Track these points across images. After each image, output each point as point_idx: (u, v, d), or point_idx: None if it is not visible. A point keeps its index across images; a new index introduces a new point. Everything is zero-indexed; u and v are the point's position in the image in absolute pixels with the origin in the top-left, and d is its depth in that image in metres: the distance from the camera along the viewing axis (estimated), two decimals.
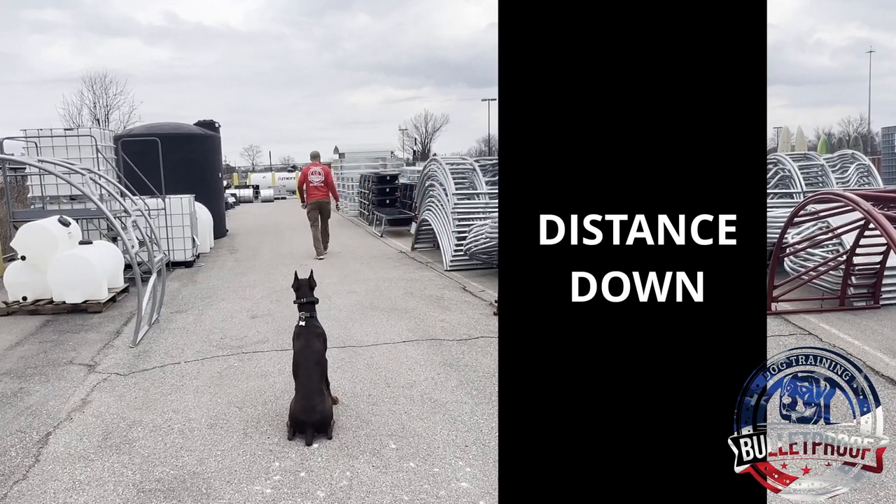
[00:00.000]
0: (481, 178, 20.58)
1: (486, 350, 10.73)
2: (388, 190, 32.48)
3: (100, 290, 14.60)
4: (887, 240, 8.57)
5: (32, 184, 18.99)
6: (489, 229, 16.20)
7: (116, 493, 6.48)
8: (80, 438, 7.77)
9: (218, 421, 8.19)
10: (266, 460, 7.09)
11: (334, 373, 9.31)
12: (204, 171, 27.55)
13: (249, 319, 13.41)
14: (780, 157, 21.26)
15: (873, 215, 8.85)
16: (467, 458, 7.05)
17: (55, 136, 18.67)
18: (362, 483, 6.56)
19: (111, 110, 77.73)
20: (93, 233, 18.29)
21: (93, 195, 12.95)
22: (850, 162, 21.42)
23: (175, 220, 20.70)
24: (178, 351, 11.24)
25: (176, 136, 26.14)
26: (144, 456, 7.27)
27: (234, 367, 10.32)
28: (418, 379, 9.53)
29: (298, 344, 8.04)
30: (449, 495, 6.31)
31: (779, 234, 12.77)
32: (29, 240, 14.36)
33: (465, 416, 8.12)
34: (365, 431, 7.75)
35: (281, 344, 11.11)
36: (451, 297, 15.03)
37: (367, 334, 11.97)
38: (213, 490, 6.51)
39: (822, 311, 12.94)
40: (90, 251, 14.97)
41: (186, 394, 9.19)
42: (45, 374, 10.22)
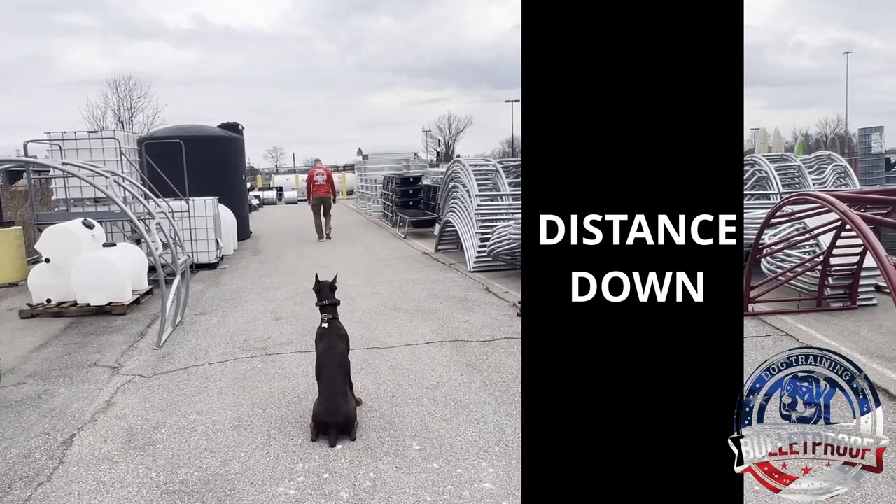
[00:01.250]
0: (504, 180, 20.55)
1: (510, 351, 10.71)
2: (411, 191, 32.46)
3: (124, 293, 14.64)
4: (864, 241, 8.52)
5: (56, 186, 19.10)
6: (512, 230, 16.18)
7: (140, 495, 6.49)
8: (105, 440, 7.79)
9: (242, 422, 8.20)
10: (290, 461, 7.10)
11: (358, 374, 9.31)
12: (227, 173, 27.60)
13: (273, 321, 13.43)
14: (757, 158, 21.23)
15: (850, 216, 8.82)
16: (490, 458, 7.04)
17: (79, 138, 18.75)
18: (386, 484, 6.56)
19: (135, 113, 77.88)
20: (117, 235, 18.34)
21: (117, 197, 12.96)
22: (827, 163, 21.33)
23: (199, 223, 20.74)
24: (202, 353, 11.26)
25: (200, 138, 26.21)
26: (168, 457, 7.29)
27: (257, 368, 10.33)
28: (442, 380, 9.53)
29: (321, 346, 8.04)
30: (472, 496, 6.30)
31: (755, 235, 12.76)
32: (53, 242, 14.41)
33: (489, 417, 8.11)
34: (388, 432, 7.75)
35: (305, 345, 11.11)
36: (474, 299, 15.02)
37: (391, 335, 11.97)
38: (236, 491, 6.51)
39: (798, 312, 12.96)
40: (114, 253, 15.01)
41: (210, 395, 9.20)
42: (70, 377, 10.25)
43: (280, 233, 32.73)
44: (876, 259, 7.94)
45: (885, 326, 11.79)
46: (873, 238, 8.21)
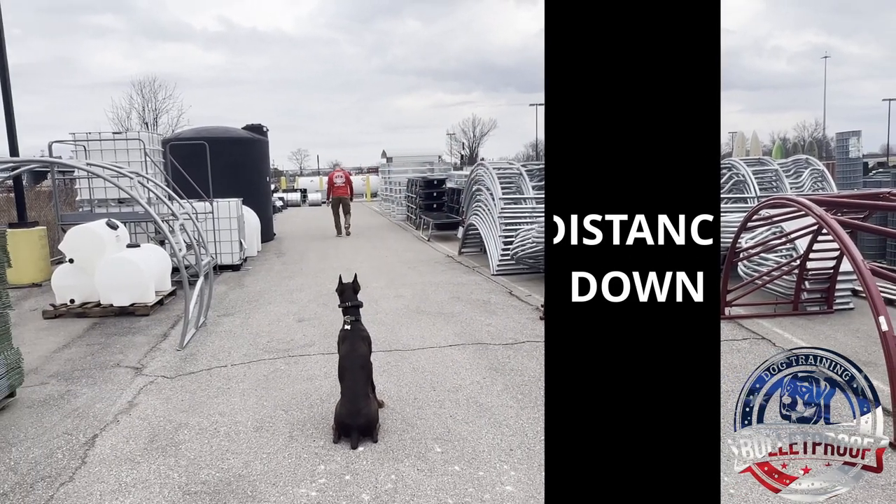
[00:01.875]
0: (528, 183, 20.55)
1: (532, 354, 10.69)
2: (435, 194, 32.46)
3: (147, 293, 14.67)
4: (840, 245, 8.51)
5: (81, 187, 19.18)
6: (536, 234, 16.15)
7: (162, 496, 6.50)
8: (127, 441, 7.81)
9: (264, 424, 8.20)
10: (311, 463, 7.09)
11: (380, 376, 9.32)
12: (252, 174, 27.62)
13: (296, 323, 13.44)
14: (735, 162, 21.21)
15: (826, 220, 8.79)
16: (512, 461, 7.02)
17: (104, 139, 18.83)
18: (407, 486, 6.55)
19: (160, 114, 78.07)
20: (140, 236, 18.43)
21: (141, 198, 12.99)
22: (805, 167, 21.22)
23: (222, 224, 20.79)
24: (224, 354, 11.27)
25: (224, 139, 26.23)
26: (190, 458, 7.29)
27: (280, 370, 10.33)
28: (464, 383, 9.51)
29: (344, 348, 8.03)
30: (493, 499, 6.28)
31: (732, 239, 12.75)
32: (77, 243, 14.46)
33: (511, 420, 8.09)
34: (410, 435, 7.74)
35: (327, 347, 11.12)
36: (497, 302, 15.00)
37: (414, 338, 11.96)
38: (258, 493, 6.51)
39: (775, 316, 12.97)
40: (137, 254, 15.05)
41: (233, 397, 9.21)
42: (93, 377, 10.27)
43: (304, 235, 32.78)
44: (852, 263, 7.94)
45: (861, 331, 11.80)
46: (850, 242, 8.23)
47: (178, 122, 75.90)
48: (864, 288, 7.52)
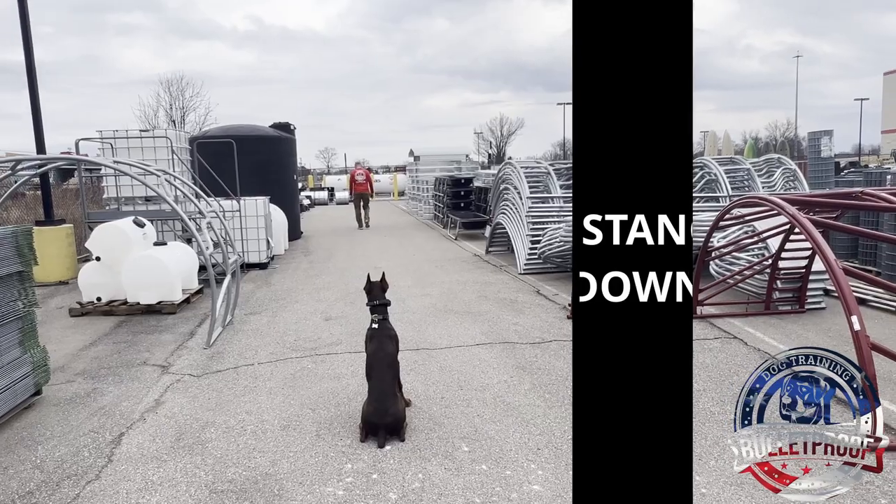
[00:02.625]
0: (556, 182, 20.49)
1: (560, 353, 10.64)
2: (462, 193, 32.40)
3: (174, 292, 14.68)
4: (812, 244, 8.48)
5: (108, 185, 19.24)
6: (563, 233, 16.11)
7: (189, 494, 6.48)
8: (153, 439, 7.80)
9: (291, 422, 8.18)
10: (338, 462, 7.06)
11: (407, 375, 9.29)
12: (279, 172, 27.68)
13: (323, 321, 13.42)
14: (707, 161, 21.19)
15: (798, 220, 8.74)
16: (539, 461, 6.98)
17: (131, 137, 18.87)
18: (434, 485, 6.51)
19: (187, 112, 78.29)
20: (167, 234, 18.49)
21: (168, 196, 12.99)
22: (777, 166, 21.13)
23: (250, 222, 20.84)
24: (251, 352, 11.26)
25: (251, 138, 26.26)
26: (217, 457, 7.28)
27: (307, 368, 10.31)
28: (491, 382, 9.47)
29: (371, 346, 8.01)
30: (521, 498, 6.24)
31: (704, 238, 12.71)
32: (104, 241, 14.48)
33: (538, 419, 8.05)
34: (437, 434, 7.70)
35: (354, 346, 11.10)
36: (524, 301, 14.95)
37: (441, 337, 11.93)
38: (285, 491, 6.48)
39: (747, 315, 12.94)
40: (164, 252, 15.07)
41: (259, 395, 9.19)
42: (119, 375, 10.28)
43: (331, 233, 32.81)
44: (825, 263, 7.92)
45: (832, 330, 11.79)
46: (822, 242, 8.22)
47: (205, 120, 76.10)
48: (837, 287, 7.49)
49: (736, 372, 9.68)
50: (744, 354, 10.53)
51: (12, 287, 8.46)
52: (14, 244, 8.43)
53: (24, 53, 18.72)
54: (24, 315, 8.71)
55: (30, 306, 8.84)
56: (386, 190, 70.48)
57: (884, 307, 13.17)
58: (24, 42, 18.64)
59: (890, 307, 13.05)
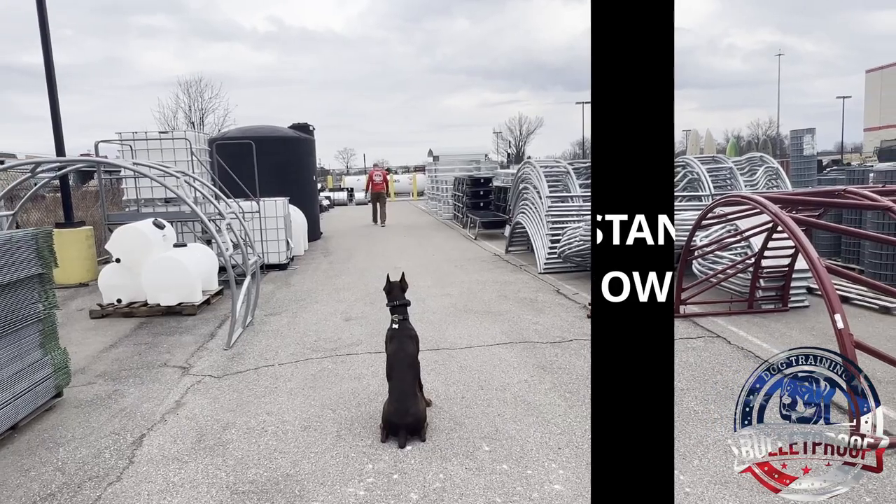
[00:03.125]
0: (575, 181, 20.46)
1: (580, 353, 10.62)
2: (481, 193, 32.38)
3: (194, 293, 14.70)
4: (795, 243, 8.45)
5: (127, 186, 19.29)
6: (583, 232, 16.09)
7: (210, 495, 6.48)
8: (174, 440, 7.81)
9: (311, 423, 8.18)
10: (359, 462, 7.06)
11: (428, 375, 9.28)
12: (298, 173, 27.66)
13: (343, 322, 13.42)
14: (689, 160, 21.22)
15: (781, 218, 8.71)
16: (560, 460, 6.96)
17: (150, 138, 18.91)
18: (455, 485, 6.50)
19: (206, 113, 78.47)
20: (187, 235, 18.50)
21: (187, 198, 13.01)
22: (759, 165, 21.18)
23: (269, 223, 20.84)
24: (271, 353, 11.27)
25: (270, 139, 26.25)
26: (238, 458, 7.28)
27: (327, 369, 10.31)
28: (511, 381, 9.45)
29: (391, 347, 8.00)
30: (542, 497, 6.22)
31: (687, 237, 12.71)
32: (123, 242, 14.50)
33: (559, 419, 8.03)
34: (458, 434, 7.69)
35: (375, 346, 11.10)
36: (544, 300, 14.93)
37: (461, 337, 11.92)
38: (306, 492, 6.48)
39: (730, 314, 12.95)
40: (184, 254, 15.09)
41: (280, 396, 9.20)
42: (140, 377, 10.30)
43: (350, 234, 32.83)
44: (808, 261, 7.89)
45: (816, 329, 11.76)
46: (805, 240, 8.19)
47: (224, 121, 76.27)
48: (820, 286, 7.47)
49: (719, 371, 9.68)
50: (727, 353, 10.51)
51: (33, 289, 8.48)
52: (34, 246, 8.45)
53: (44, 56, 18.77)
54: (45, 317, 8.73)
55: (50, 308, 8.85)
56: (405, 190, 70.50)
57: (867, 305, 13.21)
58: (43, 45, 18.70)
59: (873, 305, 13.09)
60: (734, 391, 8.74)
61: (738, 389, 8.46)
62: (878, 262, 14.89)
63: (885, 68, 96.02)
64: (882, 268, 14.77)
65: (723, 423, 7.75)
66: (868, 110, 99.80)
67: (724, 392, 8.79)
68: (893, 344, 10.60)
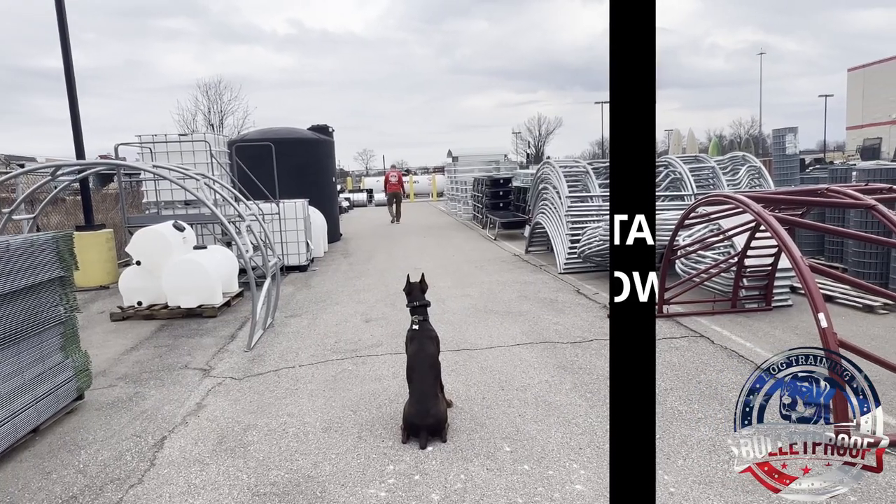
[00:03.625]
0: (594, 181, 20.42)
1: (601, 353, 10.60)
2: (501, 193, 32.35)
3: (214, 295, 14.73)
4: (778, 242, 8.43)
5: (147, 189, 19.32)
6: (602, 232, 16.08)
7: (231, 497, 6.48)
8: (196, 442, 7.82)
9: (332, 424, 8.18)
10: (380, 463, 7.05)
11: (448, 376, 9.28)
12: (317, 175, 27.70)
13: (364, 323, 13.42)
14: (671, 160, 21.16)
15: (764, 217, 8.67)
16: (581, 460, 6.95)
17: (170, 141, 18.93)
18: (476, 486, 6.49)
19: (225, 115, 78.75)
20: (207, 237, 18.53)
21: (207, 200, 13.02)
22: (741, 164, 21.09)
23: (289, 225, 20.87)
24: (292, 355, 11.28)
25: (289, 140, 26.29)
26: (259, 460, 7.28)
27: (348, 370, 10.31)
28: (532, 382, 9.43)
29: (412, 348, 7.98)
30: (563, 498, 6.21)
31: (670, 236, 12.69)
32: (144, 245, 14.53)
33: (580, 419, 8.01)
34: (479, 434, 7.68)
35: (395, 347, 11.11)
36: (564, 300, 14.91)
37: (481, 337, 11.90)
38: (327, 493, 6.48)
39: (713, 314, 12.93)
40: (204, 256, 15.11)
41: (301, 397, 9.20)
42: (160, 379, 10.32)
43: (370, 235, 32.87)
44: (791, 260, 7.86)
45: (799, 328, 11.75)
46: (788, 239, 8.15)
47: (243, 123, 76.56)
48: (804, 285, 7.44)
49: (703, 371, 9.65)
50: (710, 353, 10.48)
51: (53, 292, 8.50)
52: (55, 249, 8.47)
53: (63, 59, 18.82)
54: (66, 320, 8.75)
55: (71, 311, 8.87)
56: (424, 191, 70.54)
57: (851, 304, 13.20)
58: (62, 48, 18.75)
59: (857, 304, 13.08)
60: (718, 391, 8.81)
61: (721, 389, 8.60)
62: (861, 260, 14.88)
63: (867, 67, 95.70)
64: (865, 266, 14.77)
65: (706, 423, 7.75)
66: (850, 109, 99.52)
67: (707, 392, 8.78)
68: (878, 342, 10.62)
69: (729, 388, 8.83)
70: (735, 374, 9.39)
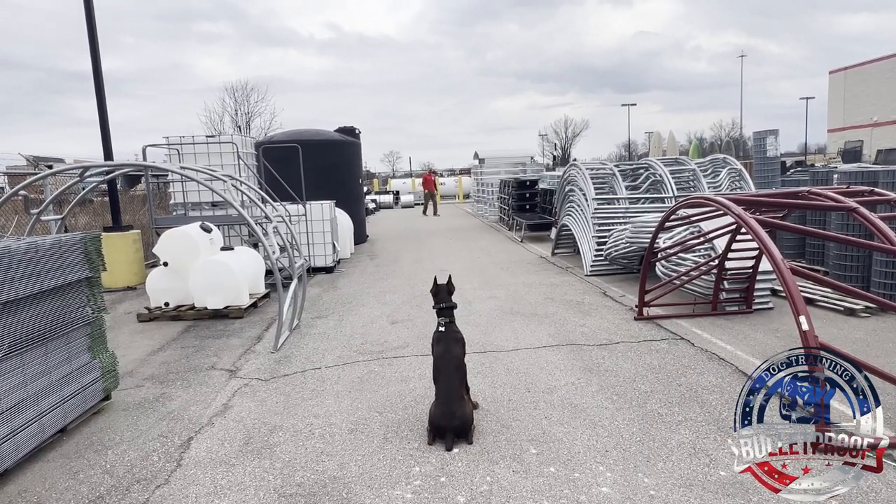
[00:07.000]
0: (621, 183, 20.38)
1: (627, 355, 10.57)
2: (527, 195, 32.37)
3: (241, 296, 14.76)
4: (759, 244, 8.37)
5: (174, 190, 19.43)
6: (629, 234, 16.04)
7: (258, 498, 6.49)
8: (222, 443, 7.83)
9: (358, 426, 8.18)
10: (406, 465, 7.05)
11: (474, 378, 9.27)
12: (344, 176, 27.77)
13: (390, 325, 13.43)
14: (652, 162, 21.12)
15: (745, 219, 8.63)
16: (608, 462, 6.92)
17: (197, 143, 19.01)
18: (503, 488, 6.47)
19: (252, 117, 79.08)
20: (234, 239, 18.60)
21: (234, 201, 13.05)
22: (722, 166, 21.04)
23: (316, 226, 20.93)
24: (318, 356, 11.29)
25: (316, 142, 26.33)
26: (285, 461, 7.28)
27: (374, 372, 10.31)
28: (558, 384, 9.41)
29: (438, 349, 7.97)
30: (589, 500, 6.19)
31: (650, 239, 12.64)
32: (171, 246, 14.59)
33: (606, 421, 7.99)
34: (505, 436, 7.66)
35: (421, 349, 11.10)
36: (591, 303, 14.87)
37: (508, 339, 11.88)
38: (353, 495, 6.47)
39: (694, 316, 12.94)
40: (231, 257, 15.14)
41: (327, 399, 9.20)
42: (187, 380, 10.35)
43: (396, 236, 32.91)
44: (772, 262, 7.82)
45: (780, 330, 11.76)
46: (769, 241, 8.12)
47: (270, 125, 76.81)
48: (784, 287, 7.40)
49: (683, 373, 9.63)
50: (691, 356, 10.47)
51: (81, 293, 8.52)
52: (83, 250, 8.49)
53: (91, 60, 18.89)
54: (93, 321, 8.77)
55: (98, 312, 8.89)
56: (451, 193, 70.54)
57: (832, 307, 13.22)
58: (90, 50, 18.82)
59: (838, 307, 13.08)
60: (698, 393, 8.80)
61: (702, 392, 8.65)
62: (842, 263, 14.83)
63: (848, 69, 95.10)
64: (847, 269, 14.72)
65: (687, 426, 7.74)
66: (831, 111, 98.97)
67: (688, 394, 8.76)
68: (859, 346, 10.60)
69: (710, 391, 8.84)
70: (716, 377, 9.39)
